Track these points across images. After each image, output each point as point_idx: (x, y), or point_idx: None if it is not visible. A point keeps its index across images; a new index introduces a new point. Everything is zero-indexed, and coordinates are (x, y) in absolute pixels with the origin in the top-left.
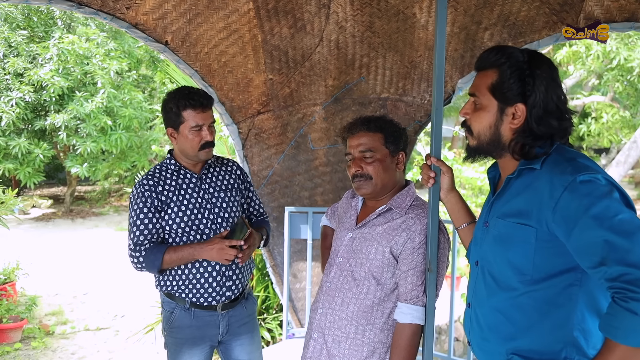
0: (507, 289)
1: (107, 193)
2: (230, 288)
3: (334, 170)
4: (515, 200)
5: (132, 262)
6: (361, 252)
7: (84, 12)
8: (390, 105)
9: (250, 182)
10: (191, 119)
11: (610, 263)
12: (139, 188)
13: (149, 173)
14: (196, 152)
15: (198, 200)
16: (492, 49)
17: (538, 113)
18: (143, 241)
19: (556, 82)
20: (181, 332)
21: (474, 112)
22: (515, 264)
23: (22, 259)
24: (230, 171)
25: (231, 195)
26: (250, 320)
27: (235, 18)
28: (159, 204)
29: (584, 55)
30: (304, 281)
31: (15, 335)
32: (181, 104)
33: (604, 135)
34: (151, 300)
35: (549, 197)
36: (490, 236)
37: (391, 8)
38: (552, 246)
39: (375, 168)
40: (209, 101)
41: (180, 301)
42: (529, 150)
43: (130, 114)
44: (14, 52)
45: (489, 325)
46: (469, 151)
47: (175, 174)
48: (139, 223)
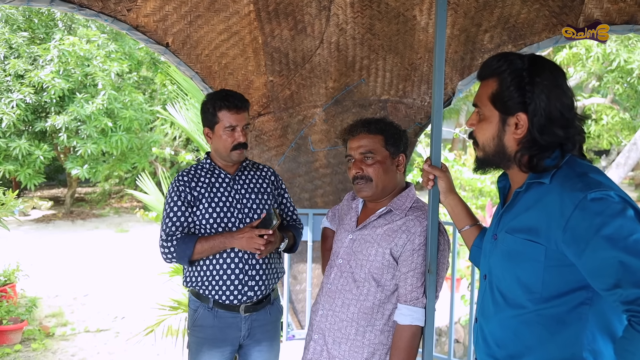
0: (515, 306)
1: (108, 195)
2: (253, 289)
3: (335, 172)
4: (524, 215)
5: (162, 252)
6: (361, 254)
7: (84, 14)
8: (391, 107)
9: (285, 188)
10: (225, 119)
11: (626, 286)
12: (174, 183)
13: (185, 170)
14: (228, 152)
15: (229, 199)
16: (494, 57)
17: (540, 122)
18: (175, 232)
19: (561, 88)
20: (203, 332)
21: (479, 123)
22: (524, 281)
23: (23, 261)
24: (264, 176)
25: (262, 198)
26: (273, 327)
27: (235, 20)
28: (191, 198)
29: (584, 57)
30: (304, 283)
31: (15, 336)
32: (217, 104)
33: (604, 137)
34: (151, 302)
35: (559, 215)
36: (498, 251)
37: (391, 10)
38: (562, 264)
39: (375, 170)
40: (244, 104)
41: (204, 300)
42: (537, 163)
43: (131, 115)
44: (15, 53)
45: (496, 342)
46: (478, 163)
47: (210, 172)
48: (172, 215)
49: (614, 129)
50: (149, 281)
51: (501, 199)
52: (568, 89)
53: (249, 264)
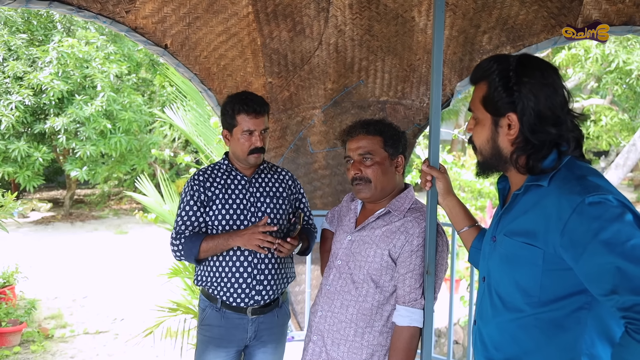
0: (513, 309)
1: (107, 196)
2: (260, 293)
3: (333, 174)
4: (522, 218)
5: (172, 250)
6: (360, 255)
7: (83, 15)
8: (390, 108)
9: (302, 193)
10: (244, 123)
11: (623, 292)
12: (190, 182)
13: (202, 169)
14: (245, 155)
15: (243, 201)
16: (484, 60)
17: (530, 121)
18: (184, 230)
19: (551, 86)
20: (210, 331)
21: (475, 127)
22: (522, 285)
23: (22, 263)
24: (281, 180)
25: (277, 202)
26: (279, 330)
27: (234, 22)
28: (205, 198)
29: (583, 58)
30: (303, 284)
31: (15, 339)
32: (236, 108)
33: (603, 138)
34: (150, 304)
35: (556, 218)
36: (497, 253)
37: (390, 12)
38: (560, 268)
39: (374, 171)
40: (263, 108)
41: (213, 300)
42: (533, 165)
43: (130, 117)
44: (14, 55)
45: (493, 345)
46: (479, 167)
47: (227, 174)
48: (183, 214)
49: (613, 130)
50: (148, 283)
51: (500, 200)
52: (560, 86)
53: (258, 268)
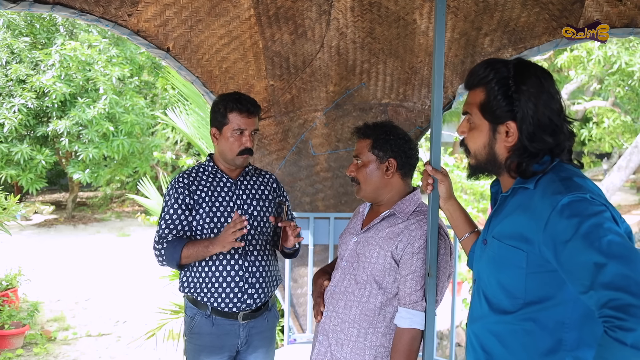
0: (499, 311)
1: (109, 199)
2: (252, 296)
3: (335, 176)
4: (508, 220)
5: (155, 254)
6: (364, 256)
7: (86, 19)
8: (391, 110)
9: (286, 196)
10: (235, 121)
11: (598, 287)
12: (174, 185)
13: (186, 172)
14: (234, 156)
15: (230, 204)
16: (480, 66)
17: (529, 130)
18: (167, 235)
19: (549, 93)
20: (200, 339)
21: (469, 131)
22: (506, 286)
23: (24, 265)
24: (266, 183)
25: (264, 205)
26: (270, 334)
27: (236, 25)
28: (190, 201)
29: (585, 60)
30: (305, 286)
31: (17, 341)
32: (229, 106)
33: (605, 140)
34: (153, 306)
35: (539, 217)
36: (486, 256)
37: (391, 14)
38: (544, 270)
39: (361, 173)
40: (255, 108)
41: (202, 307)
42: (525, 168)
43: (132, 120)
44: (17, 58)
45: (482, 347)
46: (470, 170)
47: (212, 176)
48: (167, 218)
49: (615, 132)
50: (150, 285)
51: (492, 203)
52: (556, 92)
53: (249, 271)
